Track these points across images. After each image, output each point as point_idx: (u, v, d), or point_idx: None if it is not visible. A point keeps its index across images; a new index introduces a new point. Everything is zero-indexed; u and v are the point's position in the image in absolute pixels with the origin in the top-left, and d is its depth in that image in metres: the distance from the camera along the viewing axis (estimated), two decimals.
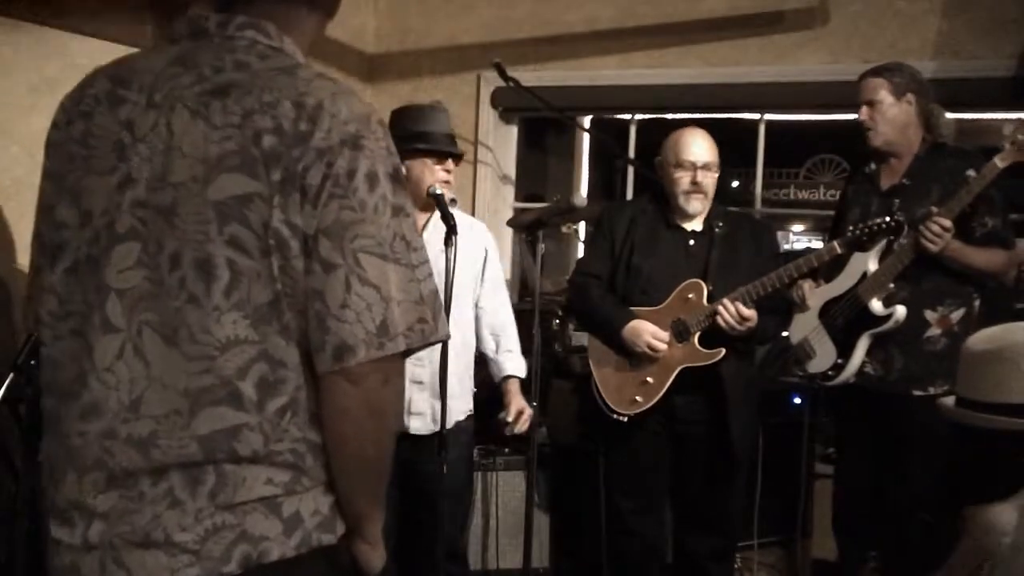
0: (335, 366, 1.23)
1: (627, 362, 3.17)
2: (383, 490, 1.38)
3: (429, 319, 1.28)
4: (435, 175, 2.90)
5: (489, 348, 3.12)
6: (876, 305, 3.13)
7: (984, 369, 1.71)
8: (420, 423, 2.84)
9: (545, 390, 3.92)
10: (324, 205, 1.22)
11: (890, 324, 3.10)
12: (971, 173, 3.09)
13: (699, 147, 3.16)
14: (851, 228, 3.09)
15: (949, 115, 3.31)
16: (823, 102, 4.76)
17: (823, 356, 3.25)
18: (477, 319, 3.11)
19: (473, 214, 5.36)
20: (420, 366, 2.81)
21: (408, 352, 1.29)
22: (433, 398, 2.82)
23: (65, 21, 3.63)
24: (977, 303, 3.16)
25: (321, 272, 1.22)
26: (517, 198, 5.62)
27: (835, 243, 3.11)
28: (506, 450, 3.86)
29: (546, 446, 3.87)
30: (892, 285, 3.12)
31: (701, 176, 3.13)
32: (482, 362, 3.21)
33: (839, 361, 3.19)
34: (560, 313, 4.10)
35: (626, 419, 3.13)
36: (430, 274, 1.29)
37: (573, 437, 3.80)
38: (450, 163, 2.96)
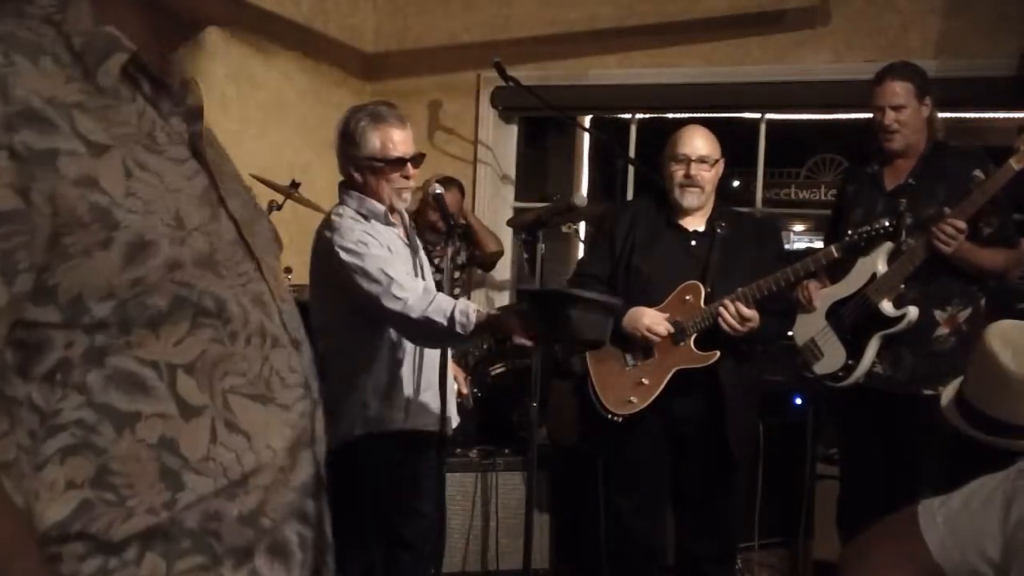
0: None
1: (623, 363, 3.16)
2: None
3: None
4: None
5: None
6: (887, 306, 3.11)
7: None
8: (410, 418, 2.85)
9: (545, 390, 3.90)
10: None
11: (902, 325, 3.09)
12: (978, 174, 3.08)
13: (694, 141, 3.15)
14: (849, 232, 3.08)
15: (949, 115, 3.31)
16: (824, 101, 4.75)
17: (831, 357, 3.23)
18: None
19: (473, 214, 5.36)
20: (433, 369, 2.82)
21: None
22: (417, 396, 2.82)
23: None
24: (983, 302, 3.16)
25: None
26: (517, 198, 5.61)
27: (833, 247, 3.09)
28: (506, 450, 3.84)
29: (546, 446, 3.86)
30: (903, 286, 3.11)
31: (695, 169, 3.12)
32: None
33: (849, 362, 3.18)
34: None
35: (620, 419, 3.12)
36: None
37: (573, 437, 3.79)
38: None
